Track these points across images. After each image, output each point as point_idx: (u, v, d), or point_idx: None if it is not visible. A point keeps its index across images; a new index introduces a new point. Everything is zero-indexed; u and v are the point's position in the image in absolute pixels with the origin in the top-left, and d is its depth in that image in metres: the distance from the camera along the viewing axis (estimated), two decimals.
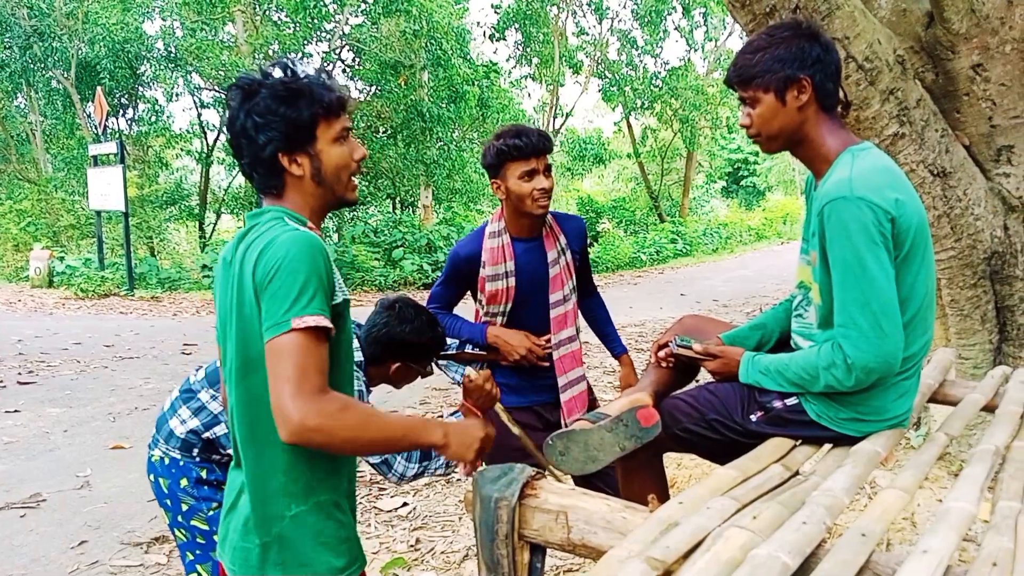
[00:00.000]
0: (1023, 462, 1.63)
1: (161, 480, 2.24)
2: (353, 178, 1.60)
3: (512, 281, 2.55)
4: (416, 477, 2.24)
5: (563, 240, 2.62)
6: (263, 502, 1.50)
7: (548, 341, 2.61)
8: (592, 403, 2.72)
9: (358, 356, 2.26)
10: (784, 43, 1.78)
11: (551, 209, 2.64)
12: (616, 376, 6.81)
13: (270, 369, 1.36)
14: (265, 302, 1.40)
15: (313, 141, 1.51)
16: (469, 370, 2.14)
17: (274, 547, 1.50)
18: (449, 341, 2.60)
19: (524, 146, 2.45)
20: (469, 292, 2.72)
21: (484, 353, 2.62)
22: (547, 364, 2.60)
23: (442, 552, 3.55)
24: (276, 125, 1.47)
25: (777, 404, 1.87)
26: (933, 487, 3.62)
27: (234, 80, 1.54)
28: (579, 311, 2.78)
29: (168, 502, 2.23)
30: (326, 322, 1.39)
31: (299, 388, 1.33)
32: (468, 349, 2.63)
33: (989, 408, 2.18)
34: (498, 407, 2.24)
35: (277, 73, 1.51)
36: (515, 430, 2.28)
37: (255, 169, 1.53)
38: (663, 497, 1.86)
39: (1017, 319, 3.66)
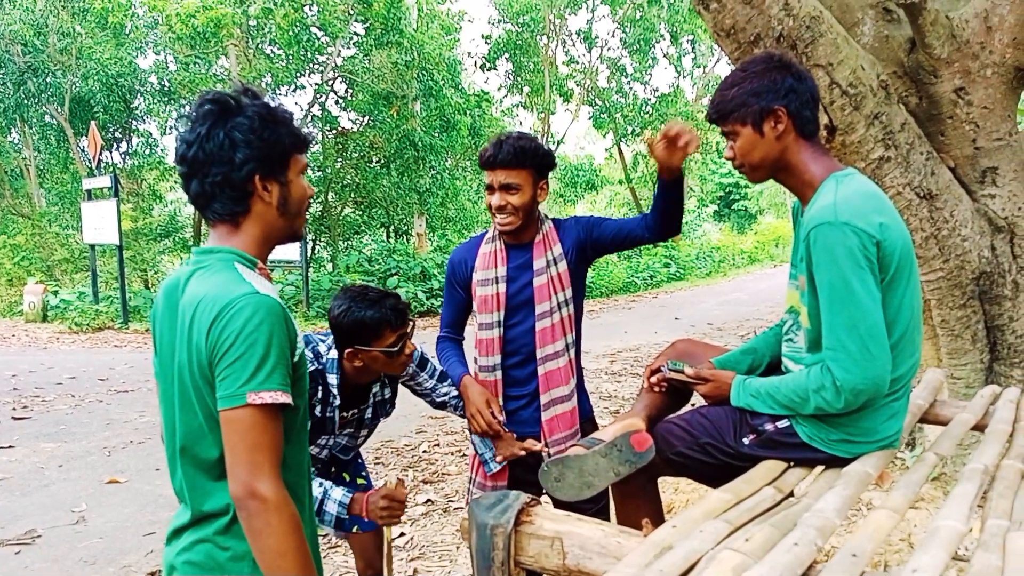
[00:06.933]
0: (1011, 480, 1.65)
1: None
2: (305, 214, 1.61)
3: (503, 287, 2.42)
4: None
5: (556, 249, 2.43)
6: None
7: (501, 411, 2.42)
8: (590, 422, 2.56)
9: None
10: (757, 77, 1.84)
11: (557, 216, 2.51)
12: (611, 401, 6.82)
13: (224, 438, 1.36)
14: (221, 370, 1.37)
15: (286, 170, 1.51)
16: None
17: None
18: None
19: (484, 155, 2.30)
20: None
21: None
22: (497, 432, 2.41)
23: None
24: (258, 146, 1.45)
25: (769, 427, 1.89)
26: (929, 508, 3.62)
27: (207, 96, 1.48)
28: (646, 223, 2.45)
29: None
30: (284, 398, 1.38)
31: (252, 463, 1.33)
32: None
33: (979, 427, 2.19)
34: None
35: (247, 98, 1.48)
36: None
37: (223, 190, 1.46)
38: (658, 521, 1.87)
39: (1007, 338, 3.69)
